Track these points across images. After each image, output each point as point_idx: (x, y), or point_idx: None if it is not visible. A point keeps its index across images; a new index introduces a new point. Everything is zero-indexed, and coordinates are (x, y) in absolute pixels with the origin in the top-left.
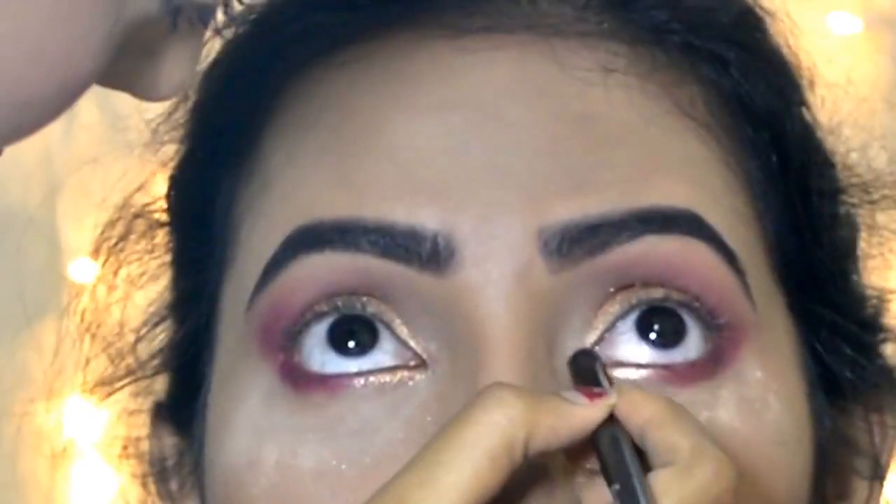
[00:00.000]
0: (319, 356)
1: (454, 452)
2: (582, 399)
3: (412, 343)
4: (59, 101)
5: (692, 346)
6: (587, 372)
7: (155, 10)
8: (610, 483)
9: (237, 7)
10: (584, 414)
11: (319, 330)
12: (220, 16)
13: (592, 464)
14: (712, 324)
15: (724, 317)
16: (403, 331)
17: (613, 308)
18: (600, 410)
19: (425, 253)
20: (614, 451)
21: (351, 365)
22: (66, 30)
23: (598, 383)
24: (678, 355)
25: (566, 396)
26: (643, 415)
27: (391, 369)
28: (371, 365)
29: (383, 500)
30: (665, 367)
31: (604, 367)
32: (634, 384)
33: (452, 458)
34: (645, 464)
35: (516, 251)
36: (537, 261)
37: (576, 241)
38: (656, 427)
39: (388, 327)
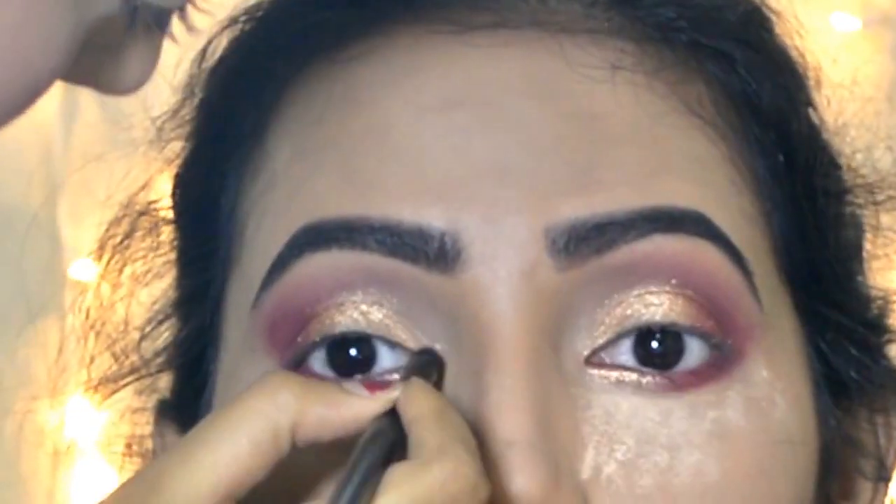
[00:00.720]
0: (321, 370)
1: (217, 433)
2: (363, 391)
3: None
4: (24, 101)
5: (692, 358)
6: (417, 370)
7: (116, 10)
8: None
9: (195, 15)
10: (359, 406)
11: (319, 354)
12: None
13: None
14: (714, 340)
15: (729, 327)
16: (405, 342)
17: (611, 320)
18: (377, 404)
19: (432, 252)
20: (364, 445)
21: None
22: (33, 32)
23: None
24: (678, 368)
25: (346, 387)
26: (412, 410)
27: (396, 369)
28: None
29: (144, 473)
30: (665, 377)
31: (440, 367)
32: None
33: (215, 438)
34: None
35: (523, 250)
36: (544, 259)
37: (583, 240)
38: (417, 423)
39: (388, 342)
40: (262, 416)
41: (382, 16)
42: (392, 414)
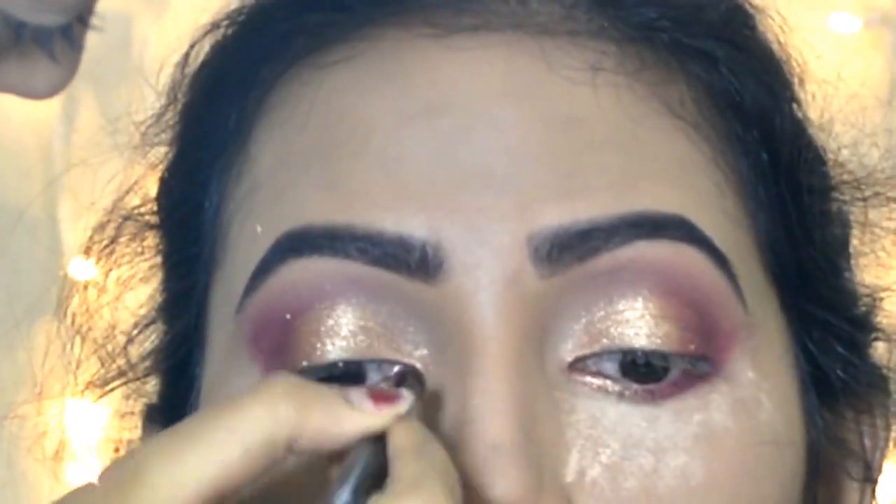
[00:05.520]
0: None
1: (209, 435)
2: (367, 405)
3: (401, 358)
4: None
5: (676, 371)
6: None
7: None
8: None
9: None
10: (359, 421)
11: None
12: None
13: None
14: (698, 359)
15: (712, 331)
16: (390, 357)
17: (595, 334)
18: (379, 420)
19: (414, 261)
20: (353, 467)
21: None
22: None
23: None
24: (662, 382)
25: (351, 398)
26: (396, 442)
27: (379, 383)
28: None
29: (125, 462)
30: (649, 390)
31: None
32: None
33: (206, 439)
34: None
35: (506, 258)
36: (527, 266)
37: (566, 247)
38: (398, 456)
39: (375, 361)
40: (259, 426)
41: (365, 19)
42: (382, 438)
